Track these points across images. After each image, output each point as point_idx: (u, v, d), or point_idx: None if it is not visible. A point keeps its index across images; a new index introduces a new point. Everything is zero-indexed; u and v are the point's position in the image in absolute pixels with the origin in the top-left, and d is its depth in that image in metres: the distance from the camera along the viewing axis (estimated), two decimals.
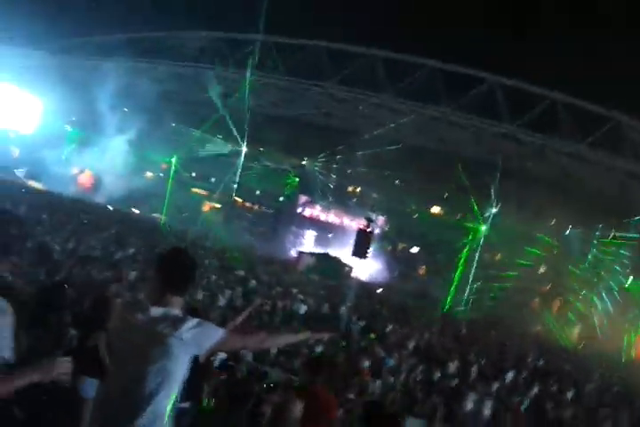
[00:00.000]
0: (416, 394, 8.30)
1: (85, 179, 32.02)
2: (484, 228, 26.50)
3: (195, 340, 2.59)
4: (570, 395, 10.18)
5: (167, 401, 2.56)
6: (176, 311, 2.65)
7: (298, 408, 3.74)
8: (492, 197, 25.14)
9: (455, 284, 25.63)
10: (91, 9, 24.73)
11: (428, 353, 10.92)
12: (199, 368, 2.84)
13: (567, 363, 15.07)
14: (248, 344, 3.14)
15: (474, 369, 10.35)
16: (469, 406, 8.31)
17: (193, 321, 2.62)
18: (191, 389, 2.72)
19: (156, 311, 2.61)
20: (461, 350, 12.03)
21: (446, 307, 24.49)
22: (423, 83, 24.32)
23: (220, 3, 28.65)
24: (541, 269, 27.81)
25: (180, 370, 2.59)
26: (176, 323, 2.58)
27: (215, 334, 2.66)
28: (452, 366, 10.20)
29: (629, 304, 24.82)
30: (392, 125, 25.51)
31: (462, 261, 25.95)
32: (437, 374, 9.51)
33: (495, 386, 9.52)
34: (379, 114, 26.42)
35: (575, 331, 25.55)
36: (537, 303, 27.59)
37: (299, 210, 32.43)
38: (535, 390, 10.06)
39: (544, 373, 12.00)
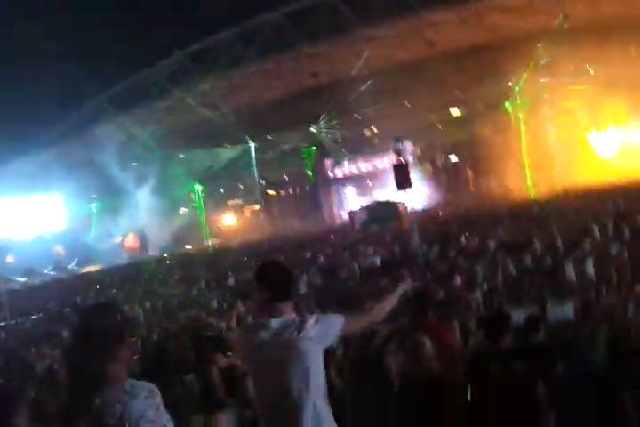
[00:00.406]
0: (522, 284, 8.37)
1: (131, 241, 32.92)
2: (507, 105, 25.46)
3: (323, 334, 2.70)
4: None
5: (322, 401, 2.67)
6: (292, 315, 2.76)
7: (428, 344, 3.74)
8: (506, 72, 23.80)
9: (527, 169, 24.72)
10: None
11: (509, 245, 10.90)
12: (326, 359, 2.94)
13: None
14: (365, 320, 3.10)
15: (559, 241, 10.29)
16: (572, 272, 8.35)
17: (313, 318, 2.74)
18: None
19: (275, 323, 2.72)
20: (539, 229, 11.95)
21: (531, 194, 23.72)
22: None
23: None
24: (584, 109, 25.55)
25: (319, 368, 2.70)
26: (298, 325, 2.68)
27: (337, 322, 2.78)
28: (538, 247, 10.19)
29: None
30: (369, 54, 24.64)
31: (522, 142, 24.81)
32: (528, 260, 9.54)
33: (587, 245, 9.44)
34: (356, 49, 25.48)
35: None
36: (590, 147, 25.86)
37: (330, 175, 32.29)
38: (627, 233, 9.96)
39: (629, 214, 11.68)
